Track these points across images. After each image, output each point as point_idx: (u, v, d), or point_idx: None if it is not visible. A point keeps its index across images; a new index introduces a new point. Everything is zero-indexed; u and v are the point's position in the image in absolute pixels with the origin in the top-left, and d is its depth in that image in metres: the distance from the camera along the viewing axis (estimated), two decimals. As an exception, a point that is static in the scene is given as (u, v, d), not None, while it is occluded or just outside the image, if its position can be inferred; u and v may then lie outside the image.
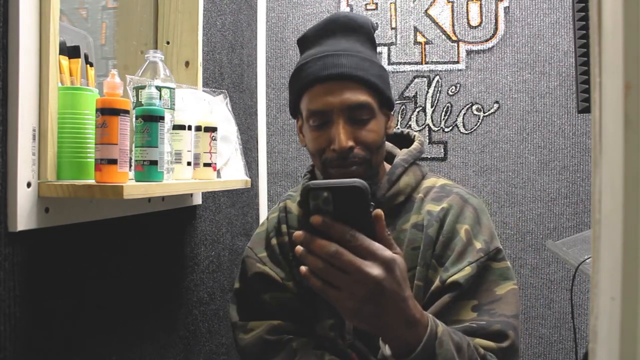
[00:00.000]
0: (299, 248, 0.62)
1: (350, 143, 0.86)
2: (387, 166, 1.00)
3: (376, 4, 2.04)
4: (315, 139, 0.89)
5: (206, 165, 1.10)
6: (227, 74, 1.64)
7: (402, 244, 0.91)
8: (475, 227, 0.90)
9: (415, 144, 0.99)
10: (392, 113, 0.97)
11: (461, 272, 0.84)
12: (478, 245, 0.87)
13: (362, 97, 0.87)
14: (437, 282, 0.86)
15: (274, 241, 1.00)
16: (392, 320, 0.64)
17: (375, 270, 0.60)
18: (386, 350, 0.70)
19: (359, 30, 0.93)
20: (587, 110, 1.13)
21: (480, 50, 1.99)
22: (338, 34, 0.92)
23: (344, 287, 0.61)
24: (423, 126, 2.02)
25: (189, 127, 1.05)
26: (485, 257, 0.86)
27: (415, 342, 0.67)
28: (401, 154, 0.97)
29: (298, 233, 0.62)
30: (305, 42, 0.96)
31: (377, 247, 0.62)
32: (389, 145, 1.04)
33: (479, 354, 0.77)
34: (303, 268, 0.62)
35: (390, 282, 0.61)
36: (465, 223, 0.89)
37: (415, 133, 1.03)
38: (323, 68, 0.87)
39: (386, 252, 0.62)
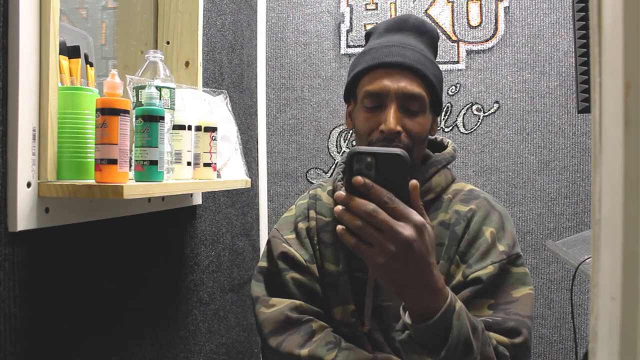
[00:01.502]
0: (338, 207, 0.67)
1: (399, 128, 0.90)
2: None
3: (376, 4, 2.04)
4: (366, 119, 0.93)
5: (206, 165, 1.10)
6: (227, 74, 1.64)
7: None
8: (500, 232, 0.94)
9: (449, 149, 1.04)
10: (438, 118, 1.02)
11: (484, 269, 0.88)
12: (501, 248, 0.91)
13: (417, 89, 0.91)
14: (459, 277, 0.89)
15: (301, 225, 1.03)
16: (416, 281, 0.68)
17: (407, 230, 0.66)
18: (406, 317, 0.73)
19: (426, 35, 0.99)
20: (587, 110, 1.13)
21: (480, 50, 1.99)
22: (406, 32, 0.98)
23: (376, 244, 0.66)
24: (423, 126, 2.02)
25: (189, 127, 1.05)
26: (506, 260, 0.90)
27: (434, 310, 0.70)
28: (435, 156, 1.02)
29: (339, 193, 0.68)
30: (374, 32, 1.02)
31: (411, 211, 0.67)
32: None
33: (492, 345, 0.80)
34: (339, 227, 0.68)
35: (419, 245, 0.66)
36: (491, 226, 0.93)
37: (448, 140, 1.08)
38: (388, 55, 0.92)
39: (418, 217, 0.67)
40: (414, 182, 0.68)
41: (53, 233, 0.80)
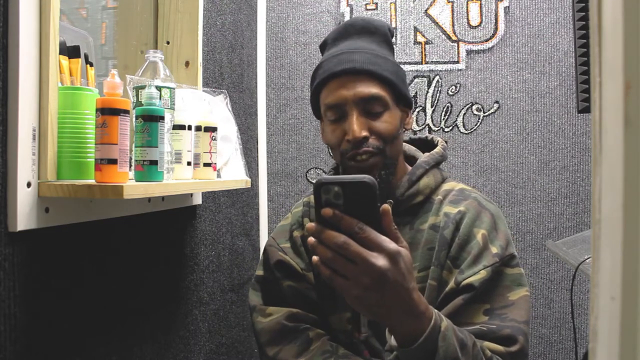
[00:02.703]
0: (311, 239, 0.67)
1: (365, 133, 0.88)
2: (409, 168, 1.01)
3: (376, 4, 2.04)
4: (332, 132, 0.93)
5: (206, 165, 1.10)
6: (227, 74, 1.64)
7: (419, 243, 0.93)
8: (492, 233, 0.91)
9: (438, 148, 1.01)
10: (410, 110, 1.00)
11: (476, 275, 0.85)
12: (494, 250, 0.88)
13: (374, 89, 0.90)
14: (451, 284, 0.87)
15: (296, 233, 1.03)
16: (395, 309, 0.67)
17: (380, 261, 0.64)
18: (392, 340, 0.73)
19: (375, 33, 0.97)
20: (587, 110, 1.13)
21: (480, 50, 1.99)
22: (354, 36, 0.97)
23: (350, 276, 0.65)
24: (423, 126, 2.02)
25: (189, 127, 1.05)
26: (499, 262, 0.87)
27: (418, 333, 0.69)
28: (423, 157, 0.99)
29: (310, 225, 0.67)
30: (324, 45, 1.02)
31: (383, 239, 0.65)
32: (412, 148, 1.05)
33: (486, 356, 0.78)
34: (315, 257, 0.67)
35: (394, 273, 0.65)
36: (482, 228, 0.91)
37: (439, 139, 1.05)
38: (337, 64, 0.92)
39: (391, 245, 0.66)
40: (385, 207, 0.66)
41: (53, 233, 0.80)
